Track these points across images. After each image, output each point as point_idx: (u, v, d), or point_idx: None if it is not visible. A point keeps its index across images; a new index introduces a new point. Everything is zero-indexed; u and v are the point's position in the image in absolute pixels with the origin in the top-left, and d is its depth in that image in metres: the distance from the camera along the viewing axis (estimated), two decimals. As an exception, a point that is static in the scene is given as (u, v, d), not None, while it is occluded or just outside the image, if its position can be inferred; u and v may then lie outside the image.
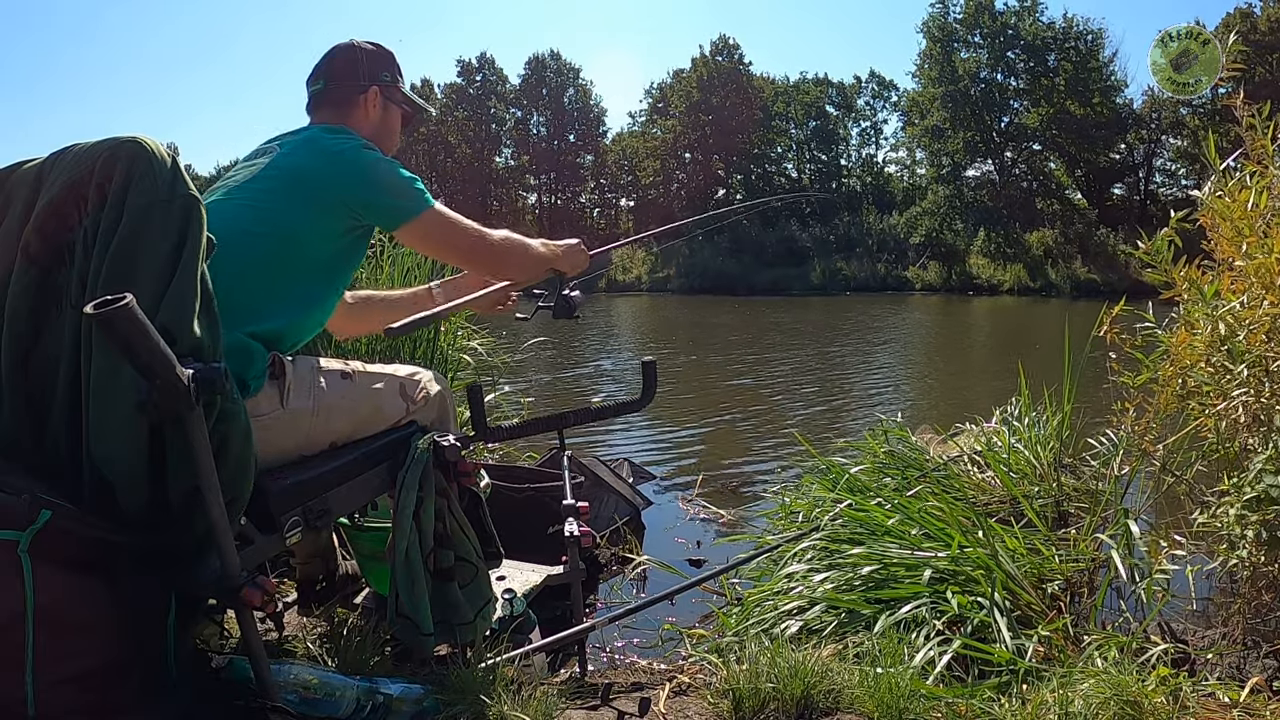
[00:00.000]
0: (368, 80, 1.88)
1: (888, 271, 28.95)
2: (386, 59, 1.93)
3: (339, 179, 1.66)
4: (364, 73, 1.88)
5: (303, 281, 1.68)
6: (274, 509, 1.50)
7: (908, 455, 3.40)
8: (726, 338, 14.11)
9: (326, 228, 1.68)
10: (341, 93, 1.87)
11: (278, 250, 1.62)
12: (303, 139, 1.75)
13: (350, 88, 1.87)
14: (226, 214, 1.60)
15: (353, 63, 1.88)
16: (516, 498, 2.85)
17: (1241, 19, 24.80)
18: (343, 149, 1.70)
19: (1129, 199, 30.38)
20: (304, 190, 1.65)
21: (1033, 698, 1.57)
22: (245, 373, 1.50)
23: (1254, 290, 2.15)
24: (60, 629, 1.17)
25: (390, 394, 1.79)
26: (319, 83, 1.88)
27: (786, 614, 2.21)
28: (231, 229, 1.52)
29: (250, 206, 1.64)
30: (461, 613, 1.75)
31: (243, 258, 1.55)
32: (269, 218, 1.62)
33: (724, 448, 5.77)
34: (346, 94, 1.87)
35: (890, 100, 36.30)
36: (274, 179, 1.68)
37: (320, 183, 1.66)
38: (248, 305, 1.54)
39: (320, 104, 1.88)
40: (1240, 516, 2.03)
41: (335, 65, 1.88)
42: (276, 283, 1.63)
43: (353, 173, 1.67)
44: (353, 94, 1.87)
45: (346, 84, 1.87)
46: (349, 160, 1.68)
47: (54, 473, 1.27)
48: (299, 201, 1.64)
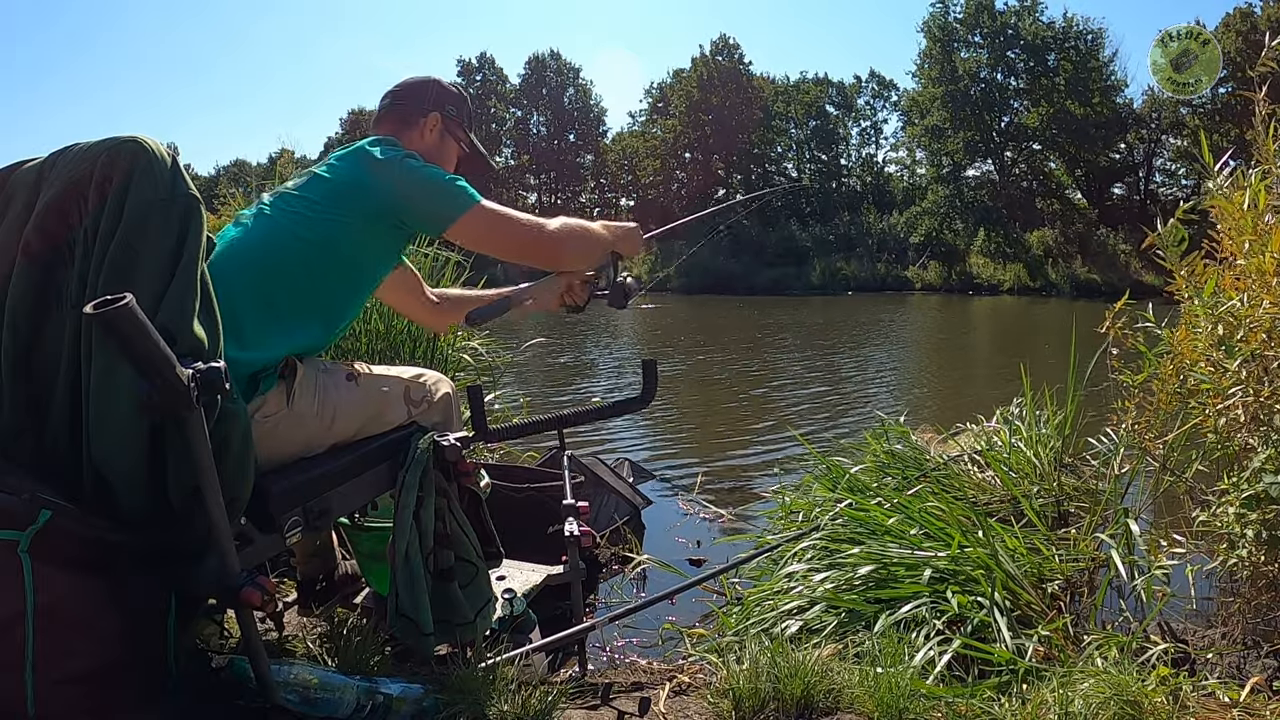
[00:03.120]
0: (432, 106, 1.94)
1: (888, 271, 28.97)
2: (458, 99, 2.00)
3: (380, 186, 1.69)
4: (430, 99, 1.95)
5: (339, 290, 1.72)
6: (274, 509, 1.49)
7: (908, 455, 3.40)
8: (726, 337, 14.11)
9: (367, 235, 1.71)
10: (404, 111, 1.92)
11: (319, 257, 1.66)
12: (350, 150, 1.79)
13: (413, 109, 1.93)
14: (276, 221, 1.67)
15: (423, 88, 1.95)
16: (516, 498, 2.85)
17: (1241, 19, 24.79)
18: (386, 158, 1.73)
19: (1129, 199, 30.40)
20: (348, 199, 1.69)
21: (1033, 697, 1.57)
22: (259, 372, 1.52)
23: (1253, 289, 2.15)
24: (60, 629, 1.17)
25: (395, 397, 1.80)
26: (386, 99, 1.95)
27: (786, 614, 2.21)
28: (280, 236, 1.62)
29: (298, 214, 1.68)
30: (462, 612, 1.75)
31: (290, 263, 1.62)
32: (315, 225, 1.66)
33: (724, 447, 5.77)
34: (408, 114, 1.92)
35: (890, 100, 36.38)
36: (320, 188, 1.71)
37: (363, 191, 1.69)
38: (289, 316, 1.60)
39: (381, 119, 1.94)
40: (1240, 515, 2.03)
41: (405, 87, 1.96)
42: (318, 291, 1.67)
43: (393, 179, 1.70)
44: (414, 115, 1.92)
45: (410, 105, 1.93)
46: (390, 168, 1.71)
47: (54, 473, 1.27)
48: (343, 210, 1.68)
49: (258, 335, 1.54)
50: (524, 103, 39.60)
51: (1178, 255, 2.43)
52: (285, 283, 1.62)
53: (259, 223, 1.69)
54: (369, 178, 1.69)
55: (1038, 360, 3.83)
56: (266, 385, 1.54)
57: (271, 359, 1.55)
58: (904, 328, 16.43)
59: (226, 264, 1.54)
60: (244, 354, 1.49)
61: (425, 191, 1.72)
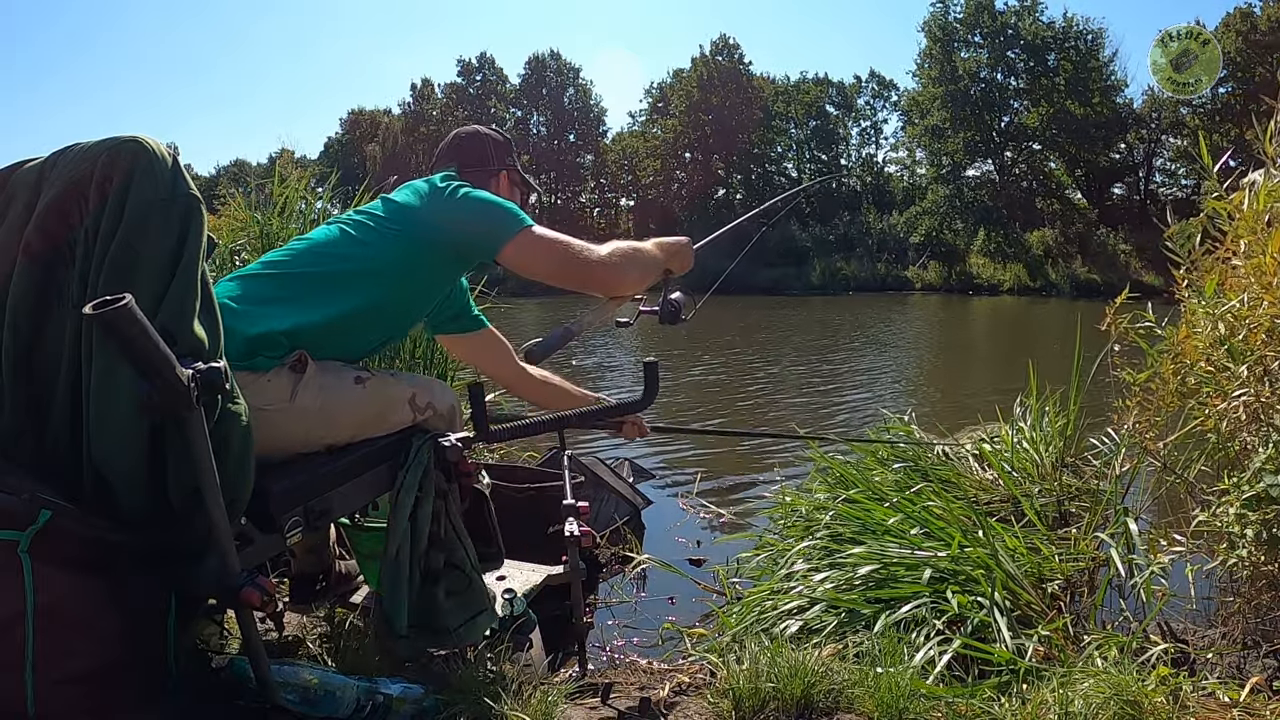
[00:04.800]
0: (499, 165, 2.01)
1: (888, 271, 28.95)
2: (509, 144, 2.08)
3: (436, 209, 1.75)
4: (494, 159, 2.01)
5: (366, 297, 1.73)
6: (274, 509, 1.49)
7: (909, 454, 3.40)
8: (727, 337, 14.11)
9: (415, 255, 1.75)
10: (476, 178, 1.93)
11: (363, 272, 1.71)
12: (413, 185, 1.84)
13: (483, 174, 1.98)
14: (328, 231, 1.78)
15: (481, 148, 2.02)
16: (516, 498, 2.85)
17: (1241, 19, 24.79)
18: (445, 185, 1.79)
19: (1129, 199, 30.40)
20: (407, 218, 1.75)
21: (1033, 697, 1.57)
22: (260, 349, 1.54)
23: (1253, 289, 2.15)
24: (60, 629, 1.17)
25: (399, 403, 1.79)
26: (450, 167, 1.96)
27: (786, 613, 2.21)
28: (334, 233, 1.75)
29: (359, 223, 1.76)
30: (442, 620, 1.73)
31: (330, 254, 1.71)
32: (369, 231, 1.74)
33: (724, 447, 5.77)
34: (479, 180, 1.93)
35: (890, 100, 36.34)
36: (386, 207, 1.78)
37: (420, 211, 1.75)
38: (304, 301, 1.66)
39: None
40: (1240, 515, 2.03)
41: (465, 150, 2.01)
42: (336, 289, 1.70)
43: (449, 202, 1.75)
44: (485, 180, 1.96)
45: (479, 170, 1.98)
46: (447, 194, 1.76)
47: (54, 473, 1.27)
48: (399, 224, 1.74)
49: (262, 307, 1.62)
50: (524, 103, 39.57)
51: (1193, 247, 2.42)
52: (312, 266, 1.70)
53: (326, 229, 1.81)
54: (428, 200, 1.76)
55: (1038, 360, 3.82)
56: (266, 364, 1.55)
57: (267, 331, 1.58)
58: (904, 328, 16.43)
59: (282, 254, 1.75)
60: (236, 323, 1.52)
61: (477, 214, 1.75)
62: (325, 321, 1.68)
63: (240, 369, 1.44)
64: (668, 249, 1.94)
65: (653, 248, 1.91)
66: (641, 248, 1.89)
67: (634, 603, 2.96)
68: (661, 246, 1.93)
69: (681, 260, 1.98)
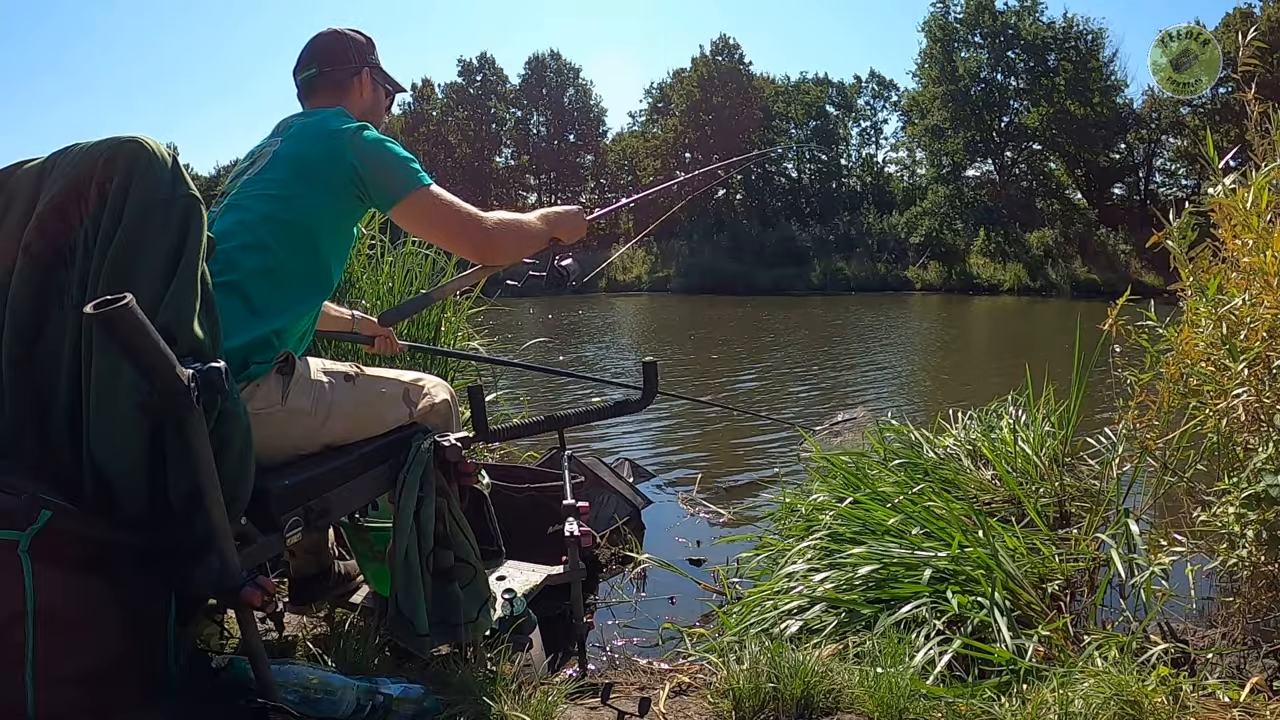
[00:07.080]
0: (359, 63, 1.94)
1: (888, 271, 28.93)
2: (370, 43, 2.00)
3: (342, 159, 1.68)
4: (355, 56, 1.94)
5: (316, 268, 1.70)
6: (274, 509, 1.49)
7: (909, 453, 3.40)
8: (726, 337, 14.11)
9: (336, 210, 1.71)
10: (338, 76, 1.91)
11: (300, 237, 1.65)
12: (302, 126, 1.77)
13: (345, 71, 1.92)
14: (248, 207, 1.65)
15: (343, 48, 1.94)
16: (517, 498, 2.85)
17: (1241, 19, 24.76)
18: (342, 129, 1.72)
19: (1129, 199, 30.35)
20: (312, 174, 1.67)
21: (1033, 697, 1.57)
22: (252, 355, 1.52)
23: (1255, 288, 2.15)
24: (60, 629, 1.17)
25: (393, 400, 1.79)
26: (311, 68, 1.91)
27: (787, 613, 2.21)
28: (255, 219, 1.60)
29: (270, 196, 1.66)
30: (462, 612, 1.75)
31: (270, 247, 1.60)
32: (290, 204, 1.65)
33: (724, 446, 5.77)
34: (340, 78, 1.91)
35: (890, 100, 36.32)
36: (283, 168, 1.70)
37: (326, 165, 1.68)
38: (277, 298, 1.59)
39: (315, 89, 1.91)
40: (1240, 515, 2.03)
41: (326, 50, 1.93)
42: (300, 271, 1.65)
43: (353, 151, 1.69)
44: (348, 77, 1.92)
45: (341, 67, 1.92)
46: (349, 140, 1.70)
47: (54, 473, 1.27)
48: (310, 187, 1.67)
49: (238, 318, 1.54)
50: (524, 103, 39.54)
51: (1184, 248, 2.42)
52: (269, 271, 1.60)
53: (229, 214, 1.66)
54: (333, 152, 1.68)
55: (1038, 360, 3.82)
56: (259, 371, 1.53)
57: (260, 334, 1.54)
58: (905, 328, 16.42)
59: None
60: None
61: (382, 165, 1.71)
62: (306, 317, 1.68)
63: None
64: (553, 220, 1.96)
65: (536, 220, 1.92)
66: (525, 220, 1.90)
67: (634, 603, 2.95)
68: (545, 218, 1.95)
69: (571, 229, 1.99)
